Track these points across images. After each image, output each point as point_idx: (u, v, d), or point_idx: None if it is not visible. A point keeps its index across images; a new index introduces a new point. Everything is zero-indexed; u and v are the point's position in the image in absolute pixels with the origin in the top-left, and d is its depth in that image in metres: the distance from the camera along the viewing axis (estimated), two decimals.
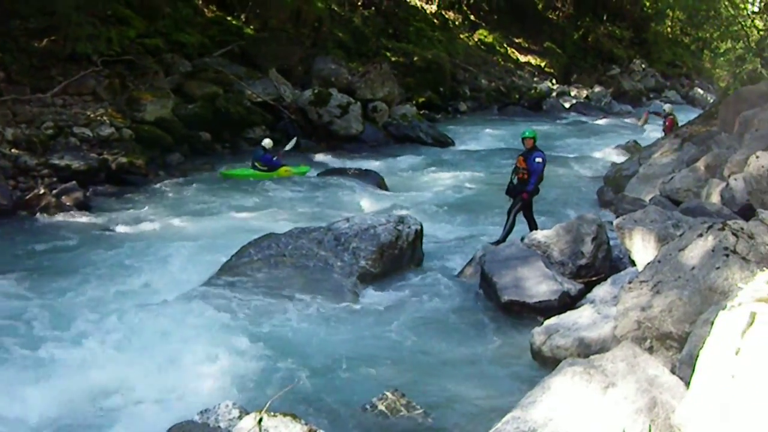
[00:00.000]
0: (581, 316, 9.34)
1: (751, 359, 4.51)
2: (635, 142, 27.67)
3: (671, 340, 7.33)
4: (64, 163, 18.01)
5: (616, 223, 11.00)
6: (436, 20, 46.83)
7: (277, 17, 32.68)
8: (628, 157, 24.07)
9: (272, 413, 6.03)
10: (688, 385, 5.64)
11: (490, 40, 49.22)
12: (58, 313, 10.38)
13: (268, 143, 21.33)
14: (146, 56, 24.89)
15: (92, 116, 20.53)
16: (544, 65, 50.84)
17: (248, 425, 5.91)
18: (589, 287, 11.10)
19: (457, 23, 49.00)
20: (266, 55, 29.97)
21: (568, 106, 44.09)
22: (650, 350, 7.35)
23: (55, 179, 17.26)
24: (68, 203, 16.27)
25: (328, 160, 24.48)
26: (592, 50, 55.36)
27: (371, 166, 23.04)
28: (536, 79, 48.28)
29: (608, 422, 5.73)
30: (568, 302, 10.65)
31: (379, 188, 20.10)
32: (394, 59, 37.01)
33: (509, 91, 43.77)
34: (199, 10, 31.38)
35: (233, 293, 11.01)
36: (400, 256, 12.88)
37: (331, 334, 10.06)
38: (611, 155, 26.09)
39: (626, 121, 39.90)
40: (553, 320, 9.45)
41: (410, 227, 13.26)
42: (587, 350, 8.39)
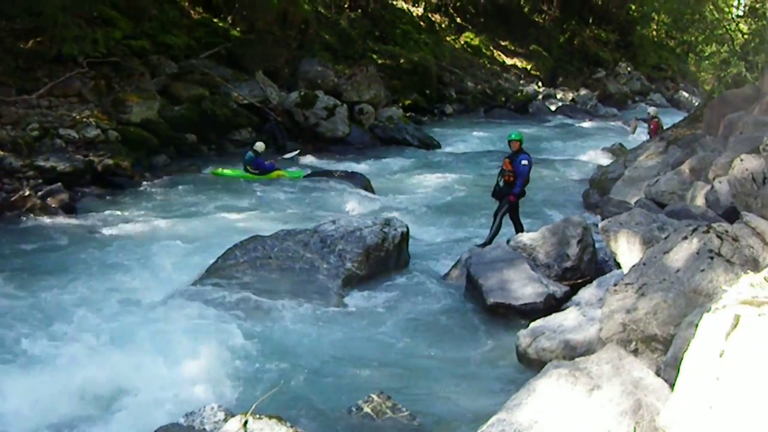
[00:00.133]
0: (567, 318, 9.36)
1: (735, 361, 4.53)
2: (621, 144, 27.74)
3: (656, 342, 7.36)
4: (49, 164, 17.90)
5: (601, 225, 11.04)
6: (422, 23, 46.85)
7: (263, 19, 32.64)
8: (613, 159, 24.17)
9: (258, 416, 6.03)
10: (672, 387, 5.66)
11: (476, 42, 49.28)
12: (42, 314, 10.33)
13: (260, 147, 21.26)
14: (132, 58, 24.81)
15: (78, 118, 20.44)
16: (530, 68, 50.90)
17: (234, 428, 5.90)
18: (574, 289, 11.14)
19: (443, 26, 49.03)
20: (253, 57, 29.93)
21: (554, 108, 44.15)
22: (635, 352, 7.37)
23: (40, 181, 17.14)
24: (54, 205, 16.16)
25: (314, 162, 24.44)
26: (577, 53, 55.50)
27: (357, 168, 23.02)
28: (522, 81, 48.32)
29: (593, 424, 5.75)
30: (553, 304, 10.69)
31: (365, 190, 20.07)
32: (380, 62, 37.01)
33: (495, 93, 43.78)
34: (185, 11, 31.30)
35: (219, 295, 10.98)
36: (386, 258, 12.90)
37: (316, 336, 10.05)
38: (597, 158, 26.17)
39: (612, 124, 39.96)
40: (538, 322, 9.47)
41: (396, 229, 13.28)
42: (572, 352, 8.42)
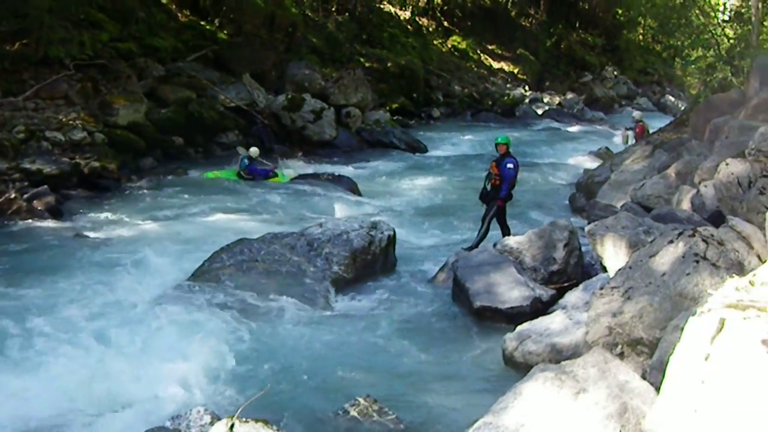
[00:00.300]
0: (553, 321, 9.38)
1: (720, 365, 4.54)
2: (607, 148, 27.82)
3: (642, 345, 7.38)
4: (35, 167, 17.83)
5: (587, 229, 11.05)
6: (409, 26, 46.88)
7: (250, 22, 32.61)
8: (599, 163, 24.23)
9: (244, 419, 6.01)
10: (658, 390, 5.67)
11: (463, 46, 49.34)
12: (27, 317, 10.24)
13: (254, 152, 21.39)
14: (119, 60, 24.74)
15: (64, 120, 20.37)
16: (517, 72, 51.01)
17: (220, 431, 5.89)
18: (560, 293, 11.14)
19: (430, 29, 49.07)
20: (240, 60, 29.90)
21: (540, 112, 44.19)
22: (621, 356, 7.39)
23: (26, 183, 17.08)
24: (40, 208, 16.10)
25: (301, 165, 24.43)
26: (564, 57, 55.65)
27: (344, 171, 23.04)
28: (509, 85, 48.42)
29: (579, 428, 5.75)
30: (540, 308, 10.69)
31: (352, 193, 20.10)
32: (367, 65, 37.03)
33: (482, 97, 43.86)
34: (172, 14, 31.24)
35: (205, 298, 10.96)
36: (372, 261, 12.90)
37: (303, 339, 10.03)
38: (583, 161, 26.24)
39: (598, 127, 40.07)
40: (525, 326, 9.47)
41: (383, 233, 13.29)
42: (559, 356, 8.43)
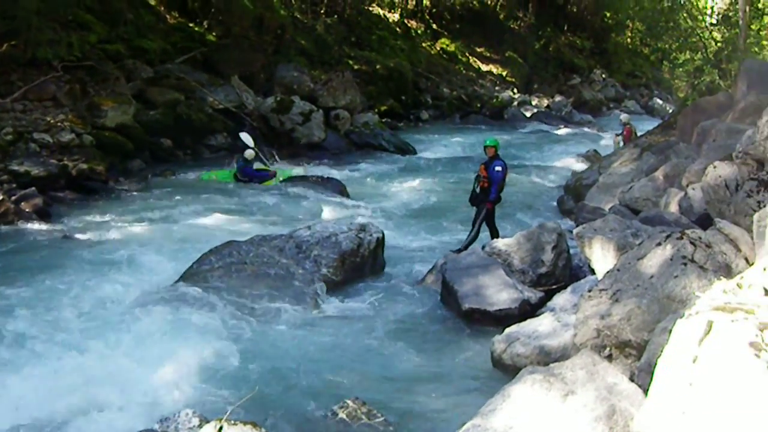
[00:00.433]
0: (541, 324, 9.39)
1: (708, 367, 4.56)
2: (595, 151, 27.92)
3: (630, 348, 7.39)
4: (23, 169, 17.77)
5: (576, 231, 11.07)
6: (398, 29, 46.91)
7: (239, 24, 32.57)
8: (588, 166, 24.28)
9: (232, 421, 6.01)
10: (646, 392, 5.69)
11: (452, 49, 49.39)
12: (13, 319, 10.22)
13: (249, 154, 21.41)
14: (107, 62, 24.69)
15: (52, 122, 20.33)
16: (505, 74, 51.08)
17: None
18: (549, 295, 11.17)
19: (419, 32, 49.11)
20: (228, 62, 29.89)
21: (529, 115, 44.24)
22: (609, 358, 7.41)
23: (14, 185, 17.01)
24: (27, 209, 16.03)
25: (289, 167, 24.40)
26: (553, 60, 55.77)
27: (333, 173, 23.03)
28: (498, 88, 48.48)
29: (568, 430, 5.77)
30: (528, 310, 10.70)
31: (340, 196, 20.09)
32: (356, 67, 37.03)
33: (471, 99, 43.90)
34: (161, 16, 31.19)
35: (193, 301, 10.91)
36: (361, 264, 12.90)
37: (292, 341, 10.02)
38: (571, 164, 26.26)
39: (586, 130, 40.18)
40: (513, 328, 9.48)
41: (372, 235, 13.29)
42: (547, 358, 8.44)
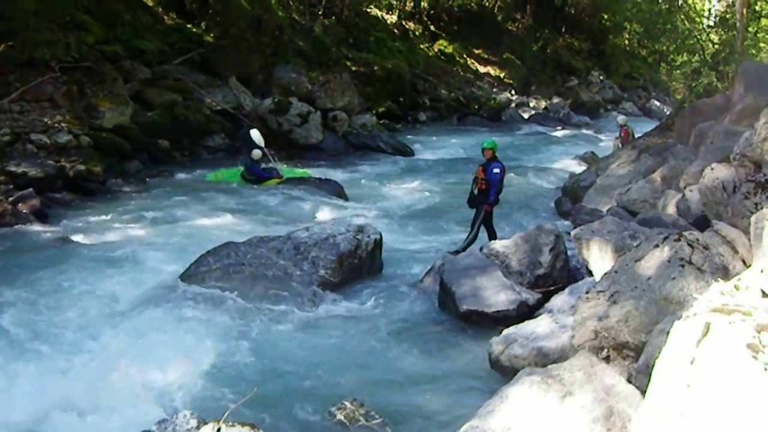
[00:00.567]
0: (539, 325, 9.39)
1: (705, 369, 4.56)
2: (593, 153, 27.93)
3: (628, 349, 7.39)
4: (20, 170, 17.73)
5: (573, 233, 11.08)
6: (396, 30, 46.92)
7: (237, 25, 32.55)
8: (585, 168, 24.29)
9: (230, 423, 6.01)
10: (644, 394, 5.69)
11: (450, 50, 49.40)
12: (11, 321, 10.23)
13: (256, 154, 21.61)
14: (105, 63, 24.66)
15: (50, 123, 20.31)
16: (503, 76, 51.10)
17: None
18: (547, 297, 11.16)
19: (417, 33, 49.12)
20: (226, 63, 29.88)
21: (526, 116, 44.29)
22: (607, 360, 7.41)
23: (11, 186, 16.98)
24: (25, 211, 16.02)
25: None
26: (550, 62, 55.75)
27: (331, 175, 23.02)
28: (495, 89, 48.49)
29: (566, 431, 5.77)
30: (526, 312, 10.70)
31: (338, 197, 20.11)
32: (354, 69, 37.03)
33: (469, 101, 43.90)
34: (158, 17, 31.18)
35: (191, 302, 10.93)
36: (359, 265, 12.89)
37: (289, 343, 10.03)
38: (569, 166, 26.29)
39: (584, 132, 40.20)
40: (511, 330, 9.48)
41: (370, 236, 13.28)
42: (545, 360, 8.44)
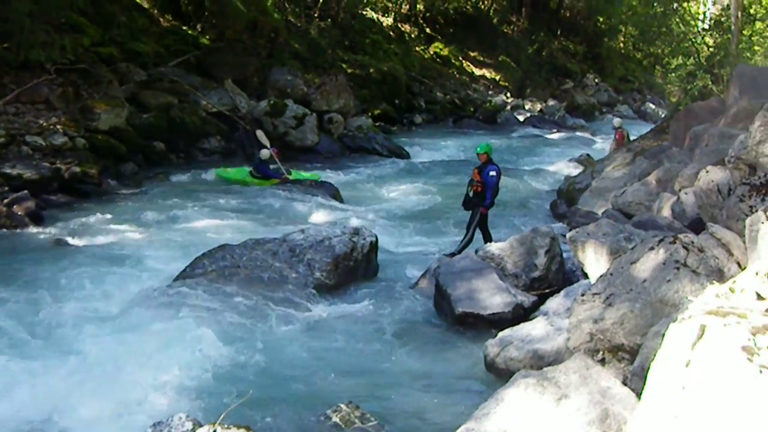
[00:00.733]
0: (534, 328, 9.40)
1: (701, 371, 4.56)
2: (588, 155, 27.89)
3: (623, 352, 7.41)
4: (15, 172, 17.68)
5: (569, 236, 11.08)
6: (392, 33, 46.88)
7: (233, 28, 32.53)
8: (581, 170, 24.27)
9: (226, 425, 6.00)
10: (639, 396, 5.69)
11: (445, 53, 49.39)
12: (6, 323, 10.22)
13: (264, 154, 21.84)
14: (100, 65, 24.59)
15: (45, 125, 20.27)
16: (498, 79, 51.09)
17: None
18: (542, 299, 11.17)
19: (413, 36, 49.09)
20: (222, 65, 29.84)
21: (522, 119, 44.24)
22: (602, 362, 7.42)
23: (6, 188, 16.91)
24: (20, 213, 15.98)
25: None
26: (546, 64, 55.73)
27: (326, 177, 22.99)
28: (491, 92, 48.47)
29: None
30: (521, 314, 10.70)
31: (334, 200, 20.11)
32: (350, 71, 36.98)
33: (464, 104, 43.85)
34: (154, 19, 31.13)
35: (186, 305, 10.90)
36: (355, 267, 12.90)
37: (285, 345, 10.03)
38: (564, 168, 26.26)
39: (579, 134, 40.20)
40: (506, 332, 9.49)
41: (365, 239, 13.29)
42: (540, 362, 8.45)
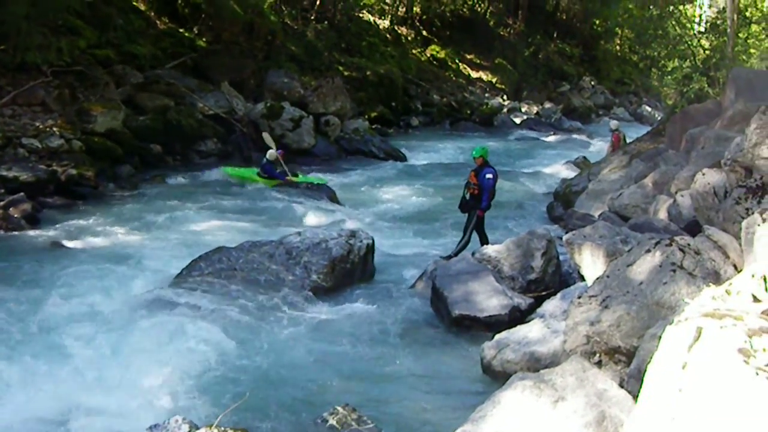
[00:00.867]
0: (531, 330, 9.41)
1: (697, 373, 4.57)
2: (584, 158, 27.91)
3: (620, 354, 7.41)
4: (12, 174, 17.63)
5: (565, 238, 11.09)
6: (388, 35, 46.91)
7: (229, 30, 32.55)
8: (577, 173, 24.30)
9: (222, 428, 6.01)
10: (636, 398, 5.70)
11: (442, 55, 49.42)
12: (1, 326, 10.20)
13: (271, 155, 21.90)
14: (97, 67, 24.58)
15: (41, 127, 20.24)
16: (495, 81, 51.12)
17: None
18: (539, 302, 11.16)
19: (409, 39, 49.12)
20: (219, 67, 29.85)
21: (518, 122, 44.29)
22: (599, 364, 7.43)
23: (2, 191, 16.87)
24: (16, 215, 15.95)
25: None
26: (542, 67, 55.78)
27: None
28: (487, 95, 48.53)
29: None
30: (518, 316, 10.71)
31: (330, 202, 20.11)
32: (346, 74, 37.02)
33: (461, 106, 43.89)
34: (151, 21, 31.12)
35: (183, 307, 10.90)
36: (351, 270, 12.90)
37: (282, 348, 10.01)
38: (561, 171, 26.29)
39: (575, 137, 40.25)
40: (503, 334, 9.50)
41: (362, 241, 13.30)
42: (537, 364, 8.46)
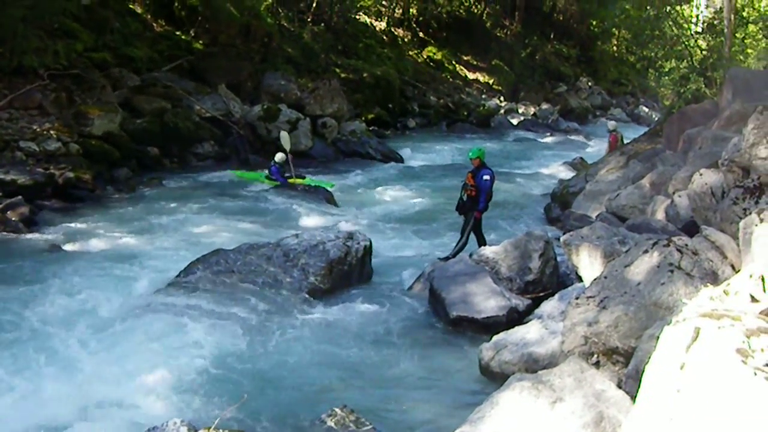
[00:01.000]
0: (529, 331, 9.40)
1: (695, 374, 4.57)
2: (582, 158, 27.93)
3: (617, 355, 7.41)
4: (9, 177, 17.63)
5: (563, 239, 11.10)
6: (385, 37, 46.92)
7: (226, 33, 32.54)
8: (574, 173, 24.32)
9: (220, 430, 6.00)
10: (634, 399, 5.70)
11: (438, 57, 49.43)
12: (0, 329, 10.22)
13: (279, 158, 22.06)
14: (94, 70, 24.55)
15: (39, 130, 20.21)
16: (492, 82, 51.14)
17: None
18: (536, 303, 11.17)
19: (406, 40, 49.13)
20: (215, 70, 29.86)
21: (515, 123, 44.29)
22: (597, 365, 7.43)
23: (0, 194, 16.94)
24: (13, 218, 15.95)
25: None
26: (539, 68, 55.79)
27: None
28: (484, 96, 48.53)
29: None
30: (516, 318, 10.71)
31: (328, 204, 20.10)
32: (343, 75, 37.05)
33: (458, 107, 43.88)
34: (147, 24, 31.12)
35: (181, 310, 10.90)
36: (349, 272, 12.90)
37: (280, 350, 10.01)
38: (558, 172, 26.33)
39: (573, 138, 40.25)
40: (501, 336, 9.49)
41: (359, 243, 13.30)
42: (535, 365, 8.45)
